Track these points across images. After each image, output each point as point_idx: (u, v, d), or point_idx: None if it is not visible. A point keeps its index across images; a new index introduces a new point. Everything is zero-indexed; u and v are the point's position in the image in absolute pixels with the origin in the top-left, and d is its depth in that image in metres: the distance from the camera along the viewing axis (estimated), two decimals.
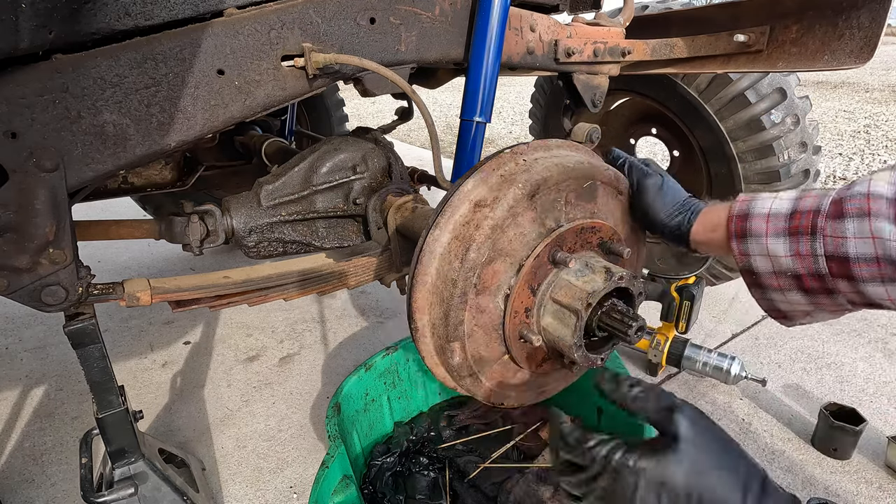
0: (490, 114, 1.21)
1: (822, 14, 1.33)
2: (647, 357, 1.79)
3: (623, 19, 1.48)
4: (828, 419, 1.42)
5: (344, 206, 1.23)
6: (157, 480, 1.10)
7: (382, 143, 1.31)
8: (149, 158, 0.87)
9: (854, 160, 4.82)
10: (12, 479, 1.47)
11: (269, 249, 1.19)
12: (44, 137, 0.76)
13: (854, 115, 6.64)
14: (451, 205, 0.77)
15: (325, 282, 1.16)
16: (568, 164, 0.81)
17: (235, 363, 1.97)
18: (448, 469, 1.34)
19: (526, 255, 0.78)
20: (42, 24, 0.71)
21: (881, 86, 8.81)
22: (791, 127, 1.77)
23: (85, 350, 0.95)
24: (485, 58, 1.14)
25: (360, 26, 0.99)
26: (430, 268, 0.76)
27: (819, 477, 1.39)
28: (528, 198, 0.76)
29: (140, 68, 0.80)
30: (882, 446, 1.45)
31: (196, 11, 0.86)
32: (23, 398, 1.80)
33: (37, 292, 0.83)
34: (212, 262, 2.84)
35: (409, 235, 1.13)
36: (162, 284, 1.02)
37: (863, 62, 1.29)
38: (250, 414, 1.70)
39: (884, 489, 1.35)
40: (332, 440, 1.13)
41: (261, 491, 1.41)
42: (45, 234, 0.80)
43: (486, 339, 0.81)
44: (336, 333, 2.15)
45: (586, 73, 1.42)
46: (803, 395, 1.68)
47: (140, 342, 2.12)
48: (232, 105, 0.90)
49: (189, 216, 1.08)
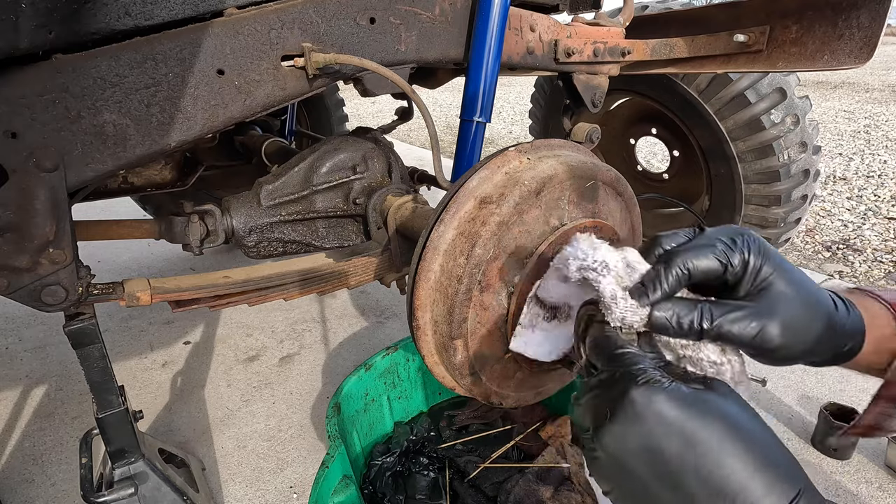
0: (490, 114, 1.21)
1: (821, 14, 1.33)
2: None
3: (623, 19, 1.48)
4: (828, 419, 1.42)
5: (344, 206, 1.23)
6: (157, 480, 1.10)
7: (382, 143, 1.31)
8: (149, 158, 0.86)
9: (854, 160, 4.82)
10: (12, 479, 1.47)
11: (269, 249, 1.19)
12: (44, 137, 0.76)
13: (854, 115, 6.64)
14: (456, 201, 0.77)
15: (325, 281, 1.16)
16: (572, 164, 0.81)
17: (235, 363, 1.97)
18: (448, 469, 1.34)
19: (530, 253, 0.78)
20: (42, 24, 0.71)
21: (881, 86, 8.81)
22: (791, 127, 1.77)
23: (85, 350, 0.95)
24: (485, 58, 1.14)
25: (359, 26, 0.99)
26: (433, 264, 0.76)
27: (819, 477, 1.39)
28: (534, 195, 0.76)
29: (140, 68, 0.80)
30: (882, 446, 1.45)
31: (196, 11, 0.85)
32: (23, 398, 1.80)
33: (37, 292, 0.83)
34: (212, 262, 2.84)
35: (410, 235, 1.13)
36: (162, 284, 1.02)
37: (863, 62, 1.30)
38: (250, 414, 1.70)
39: (884, 489, 1.35)
40: (332, 440, 1.13)
41: (261, 491, 1.41)
42: (45, 234, 0.80)
43: (489, 337, 0.81)
44: (336, 333, 2.15)
45: (586, 73, 1.42)
46: (803, 395, 1.68)
47: (140, 342, 2.12)
48: (232, 105, 0.90)
49: (189, 216, 1.08)
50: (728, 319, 0.47)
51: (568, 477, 1.27)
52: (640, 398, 0.41)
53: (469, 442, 1.42)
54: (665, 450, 0.39)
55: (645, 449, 0.40)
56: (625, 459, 0.41)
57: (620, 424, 0.41)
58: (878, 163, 4.69)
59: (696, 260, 0.49)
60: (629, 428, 0.40)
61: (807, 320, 0.49)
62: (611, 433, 0.41)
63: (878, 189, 4.06)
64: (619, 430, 0.41)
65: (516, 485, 1.24)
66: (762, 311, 0.48)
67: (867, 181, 4.26)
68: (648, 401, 0.40)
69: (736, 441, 0.39)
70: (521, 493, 1.21)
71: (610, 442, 0.41)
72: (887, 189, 4.04)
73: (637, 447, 0.40)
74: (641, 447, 0.40)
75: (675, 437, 0.39)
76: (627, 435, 0.40)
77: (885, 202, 3.80)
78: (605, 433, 0.42)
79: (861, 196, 3.94)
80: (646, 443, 0.40)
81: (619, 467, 0.41)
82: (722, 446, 0.38)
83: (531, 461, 1.34)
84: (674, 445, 0.39)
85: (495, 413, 1.49)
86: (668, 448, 0.39)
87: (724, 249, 0.49)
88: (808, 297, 0.49)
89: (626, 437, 0.41)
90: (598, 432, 0.42)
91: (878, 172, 4.44)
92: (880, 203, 3.79)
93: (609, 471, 0.42)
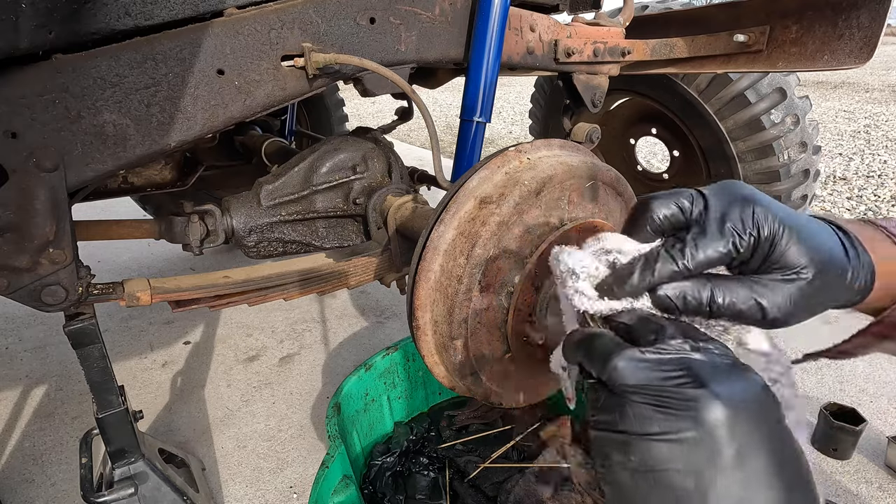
0: (490, 114, 1.21)
1: (821, 14, 1.33)
2: None
3: (623, 19, 1.48)
4: (828, 419, 1.42)
5: (344, 205, 1.23)
6: (157, 480, 1.10)
7: (382, 143, 1.31)
8: (149, 158, 0.86)
9: (854, 160, 4.82)
10: (12, 479, 1.47)
11: (269, 249, 1.19)
12: (44, 137, 0.76)
13: (854, 115, 6.64)
14: (456, 201, 0.77)
15: (325, 281, 1.16)
16: (572, 164, 0.81)
17: (235, 363, 1.97)
18: (448, 469, 1.34)
19: (530, 253, 0.78)
20: (42, 24, 0.71)
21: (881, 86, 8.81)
22: (791, 127, 1.77)
23: (85, 350, 0.95)
24: (485, 58, 1.14)
25: (360, 26, 0.99)
26: (433, 264, 0.76)
27: (819, 477, 1.39)
28: (534, 195, 0.76)
29: (140, 68, 0.80)
30: (882, 446, 1.45)
31: (196, 11, 0.86)
32: (23, 398, 1.80)
33: (37, 292, 0.83)
34: (212, 262, 2.84)
35: (409, 235, 1.13)
36: (162, 284, 1.02)
37: (862, 62, 1.30)
38: (250, 414, 1.69)
39: (884, 489, 1.35)
40: (332, 440, 1.13)
41: (261, 491, 1.41)
42: (45, 234, 0.80)
43: (489, 337, 0.81)
44: (336, 333, 2.15)
45: (586, 73, 1.42)
46: (803, 396, 1.69)
47: (140, 342, 2.12)
48: (232, 105, 0.90)
49: (189, 216, 1.08)
50: (740, 298, 0.43)
51: (568, 477, 1.27)
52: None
53: (469, 442, 1.42)
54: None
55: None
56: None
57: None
58: (878, 163, 4.69)
59: (703, 250, 0.44)
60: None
61: (824, 283, 0.45)
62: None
63: (878, 189, 4.06)
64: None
65: (516, 485, 1.24)
66: (777, 285, 0.44)
67: (867, 181, 4.26)
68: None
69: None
70: (521, 493, 1.21)
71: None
72: (887, 189, 4.05)
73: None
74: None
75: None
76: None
77: (885, 202, 3.80)
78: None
79: (861, 196, 3.94)
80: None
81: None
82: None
83: (531, 461, 1.34)
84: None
85: (495, 413, 1.49)
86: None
87: (732, 231, 0.44)
88: (823, 258, 0.45)
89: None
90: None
91: (878, 172, 4.44)
92: (880, 203, 3.79)
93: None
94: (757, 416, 0.35)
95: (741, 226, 0.44)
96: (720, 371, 0.36)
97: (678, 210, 0.47)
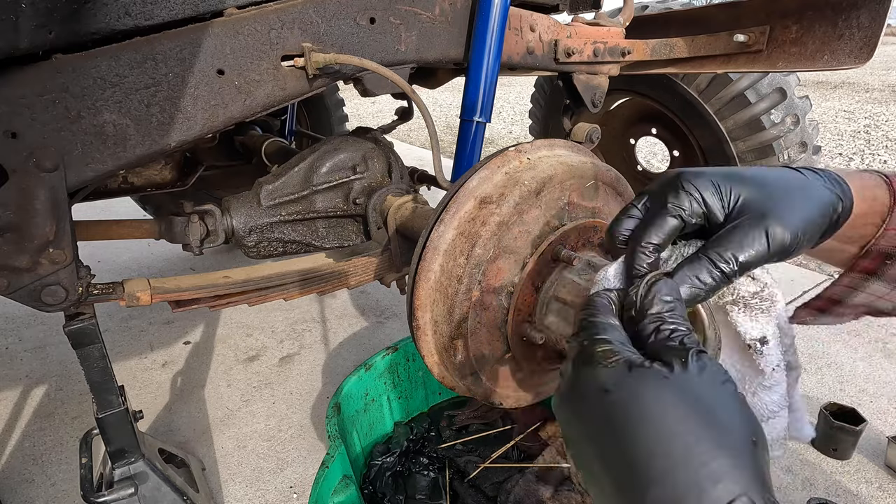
0: (490, 114, 1.21)
1: (821, 14, 1.33)
2: None
3: (623, 19, 1.48)
4: (828, 419, 1.42)
5: (344, 206, 1.23)
6: (157, 480, 1.10)
7: (382, 143, 1.31)
8: (149, 158, 0.87)
9: (854, 160, 4.82)
10: (12, 479, 1.47)
11: (269, 249, 1.19)
12: (44, 137, 0.76)
13: (854, 115, 6.64)
14: (457, 201, 0.77)
15: (325, 281, 1.16)
16: (572, 164, 0.81)
17: (235, 363, 1.97)
18: (448, 469, 1.34)
19: (530, 253, 0.78)
20: (42, 24, 0.71)
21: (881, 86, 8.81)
22: (791, 127, 1.77)
23: (85, 350, 0.95)
24: (485, 58, 1.14)
25: (360, 26, 0.99)
26: (433, 264, 0.76)
27: (819, 477, 1.39)
28: (533, 195, 0.76)
29: (140, 68, 0.80)
30: (882, 446, 1.45)
31: (196, 11, 0.86)
32: (23, 398, 1.80)
33: (37, 292, 0.83)
34: (212, 262, 2.84)
35: (410, 235, 1.13)
36: (162, 284, 1.02)
37: (862, 62, 1.30)
38: (250, 414, 1.69)
39: (884, 489, 1.35)
40: (332, 440, 1.13)
41: (261, 491, 1.41)
42: (45, 234, 0.80)
43: (489, 337, 0.81)
44: (336, 333, 2.15)
45: (586, 73, 1.43)
46: (803, 396, 1.68)
47: (140, 342, 2.12)
48: (232, 105, 0.90)
49: (189, 216, 1.08)
50: (734, 250, 0.46)
51: (568, 477, 1.27)
52: (578, 375, 0.42)
53: (469, 442, 1.42)
54: (587, 426, 0.40)
55: (572, 421, 0.41)
56: (565, 431, 0.43)
57: (559, 397, 0.43)
58: (878, 163, 4.70)
59: (656, 231, 0.48)
60: (563, 402, 0.43)
61: (793, 200, 0.48)
62: (557, 405, 0.44)
63: None
64: (559, 401, 0.43)
65: (516, 485, 1.24)
66: (753, 222, 0.47)
67: None
68: (584, 378, 0.41)
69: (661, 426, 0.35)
70: (521, 493, 1.21)
71: (557, 413, 0.44)
72: None
73: (566, 418, 0.42)
74: (572, 419, 0.41)
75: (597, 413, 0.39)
76: (561, 407, 0.43)
77: None
78: (556, 405, 0.44)
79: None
80: (575, 417, 0.41)
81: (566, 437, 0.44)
82: (637, 429, 0.36)
83: (531, 461, 1.34)
84: (596, 420, 0.39)
85: (495, 413, 1.49)
86: (590, 424, 0.39)
87: (673, 205, 0.48)
88: (778, 183, 0.49)
89: (559, 408, 0.43)
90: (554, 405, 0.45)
91: None
92: None
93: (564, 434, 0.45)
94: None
95: (677, 197, 0.49)
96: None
97: (631, 217, 0.52)
